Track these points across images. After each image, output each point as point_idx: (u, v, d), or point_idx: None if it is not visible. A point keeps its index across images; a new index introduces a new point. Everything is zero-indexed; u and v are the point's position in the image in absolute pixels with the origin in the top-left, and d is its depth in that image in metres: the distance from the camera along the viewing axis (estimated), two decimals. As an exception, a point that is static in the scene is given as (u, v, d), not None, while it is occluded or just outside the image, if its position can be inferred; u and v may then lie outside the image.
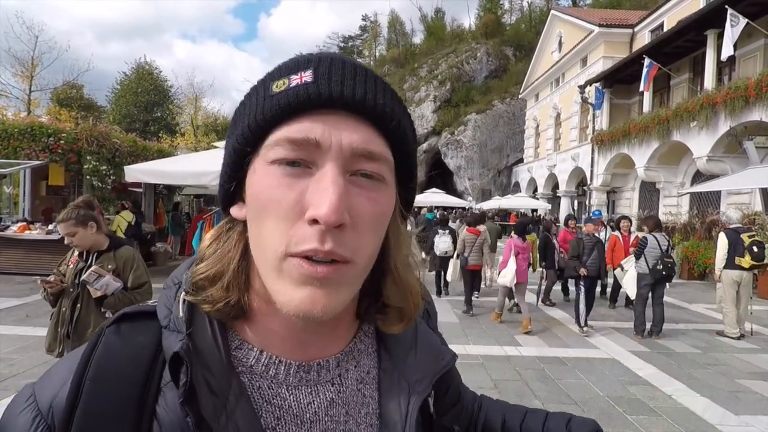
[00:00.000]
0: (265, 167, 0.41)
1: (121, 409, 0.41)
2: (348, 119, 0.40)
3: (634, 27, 19.16)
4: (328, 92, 0.39)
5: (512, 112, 32.52)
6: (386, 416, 0.50)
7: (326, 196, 0.38)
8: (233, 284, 0.44)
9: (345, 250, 0.39)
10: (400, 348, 0.53)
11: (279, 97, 0.40)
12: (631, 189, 18.31)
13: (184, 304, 0.45)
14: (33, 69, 27.12)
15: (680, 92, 15.45)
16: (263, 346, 0.46)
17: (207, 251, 0.47)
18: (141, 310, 0.47)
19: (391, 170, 0.44)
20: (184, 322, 0.44)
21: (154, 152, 11.74)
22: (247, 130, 0.41)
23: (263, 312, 0.46)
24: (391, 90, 0.44)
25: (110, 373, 0.42)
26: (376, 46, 55.14)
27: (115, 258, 2.43)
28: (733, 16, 10.71)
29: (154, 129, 30.65)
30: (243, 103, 0.44)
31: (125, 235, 9.40)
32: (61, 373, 0.44)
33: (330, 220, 0.37)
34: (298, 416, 0.46)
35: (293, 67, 0.42)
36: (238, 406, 0.42)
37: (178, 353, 0.41)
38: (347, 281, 0.41)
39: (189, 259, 0.51)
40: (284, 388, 0.46)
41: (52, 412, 0.42)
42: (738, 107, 10.97)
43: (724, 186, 11.38)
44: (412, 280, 0.50)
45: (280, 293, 0.40)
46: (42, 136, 9.58)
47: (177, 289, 0.47)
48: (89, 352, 0.44)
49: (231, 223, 0.47)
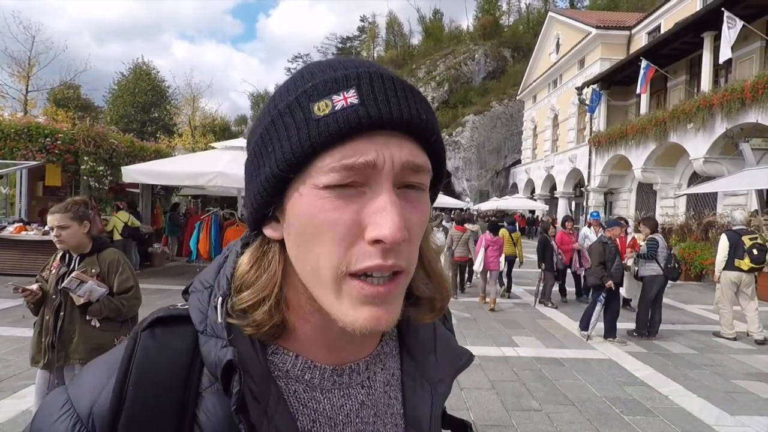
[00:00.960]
0: (314, 191, 0.40)
1: (164, 415, 0.42)
2: (394, 137, 0.41)
3: (632, 29, 19.25)
4: (378, 115, 0.39)
5: (510, 114, 32.61)
6: (411, 417, 0.51)
7: (388, 217, 0.38)
8: (276, 306, 0.44)
9: (403, 261, 0.41)
10: (420, 350, 0.55)
11: (327, 122, 0.39)
12: (628, 190, 18.37)
13: (222, 309, 0.44)
14: (30, 69, 27.03)
15: (677, 94, 15.53)
16: (298, 351, 0.47)
17: (248, 278, 0.45)
18: (175, 314, 0.47)
19: (429, 178, 0.45)
20: (224, 327, 0.43)
21: (152, 153, 11.70)
22: (291, 157, 0.40)
23: (300, 322, 0.47)
24: (425, 101, 0.44)
25: (151, 379, 0.42)
26: (374, 47, 55.18)
27: (98, 261, 2.30)
28: (730, 19, 10.77)
29: (151, 129, 30.56)
30: (274, 123, 0.42)
31: (121, 236, 9.37)
32: (98, 379, 0.44)
33: (396, 239, 0.38)
34: (332, 419, 0.47)
35: (333, 86, 0.40)
36: (277, 411, 0.43)
37: (232, 362, 0.41)
38: (402, 291, 0.43)
39: (216, 262, 0.51)
40: (319, 391, 0.47)
41: (92, 419, 0.41)
42: (734, 109, 11.03)
43: (720, 187, 11.44)
44: (441, 271, 0.52)
45: (342, 313, 0.41)
46: (39, 137, 9.53)
47: (210, 293, 0.47)
48: (129, 357, 0.43)
49: (266, 245, 0.46)
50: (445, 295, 0.52)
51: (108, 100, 33.30)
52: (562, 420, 3.51)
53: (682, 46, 14.17)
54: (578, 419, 3.49)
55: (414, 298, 0.51)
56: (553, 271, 7.70)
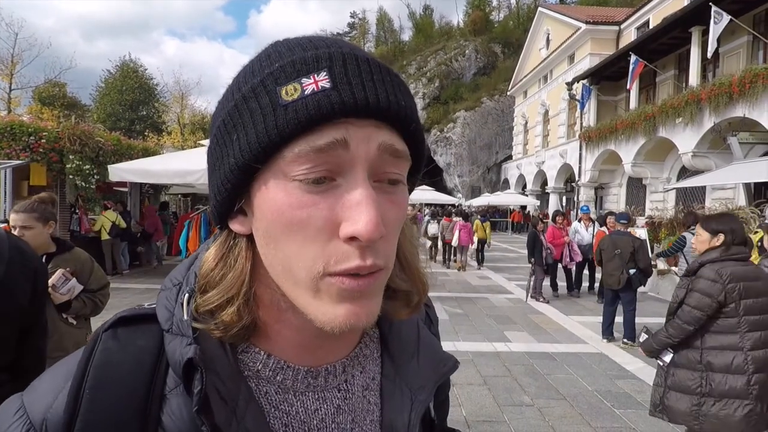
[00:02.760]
0: (282, 183, 0.37)
1: (125, 418, 0.39)
2: (370, 123, 0.37)
3: (621, 24, 19.36)
4: (352, 100, 0.36)
5: (501, 109, 32.69)
6: (387, 424, 0.48)
7: (363, 212, 0.35)
8: (245, 307, 0.41)
9: (381, 258, 0.39)
10: (403, 354, 0.51)
11: (296, 108, 0.35)
12: (618, 185, 18.53)
13: (188, 306, 0.42)
14: (13, 67, 26.50)
15: (666, 89, 15.66)
16: (270, 350, 0.44)
17: (213, 276, 0.42)
18: (138, 313, 0.44)
19: (408, 168, 0.42)
20: (189, 325, 0.41)
21: (139, 151, 11.53)
22: (257, 146, 0.36)
23: (272, 321, 0.44)
24: (404, 85, 0.41)
25: (111, 381, 0.40)
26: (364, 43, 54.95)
27: (72, 259, 2.26)
28: (717, 13, 10.85)
29: (140, 128, 30.17)
30: (238, 108, 0.38)
31: (109, 235, 9.25)
32: (53, 383, 0.41)
33: (373, 236, 0.35)
34: (306, 423, 0.44)
35: (301, 67, 0.37)
36: (247, 412, 0.41)
37: (193, 359, 0.38)
38: (381, 286, 0.41)
39: (188, 259, 0.48)
40: (291, 393, 0.44)
41: (46, 426, 0.39)
42: (722, 103, 11.14)
43: (709, 181, 11.56)
44: (418, 264, 0.49)
45: (320, 312, 0.38)
46: (22, 135, 9.34)
47: (178, 290, 0.44)
48: (87, 359, 0.41)
49: (233, 240, 0.43)
50: (422, 290, 0.49)
51: (95, 98, 32.82)
52: (554, 414, 3.51)
53: (670, 41, 14.28)
54: (570, 413, 3.49)
55: (390, 290, 0.47)
56: (543, 265, 7.75)
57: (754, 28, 11.92)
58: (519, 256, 14.07)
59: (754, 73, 10.29)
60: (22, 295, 1.38)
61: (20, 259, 1.40)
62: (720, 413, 2.19)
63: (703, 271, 2.35)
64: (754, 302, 2.24)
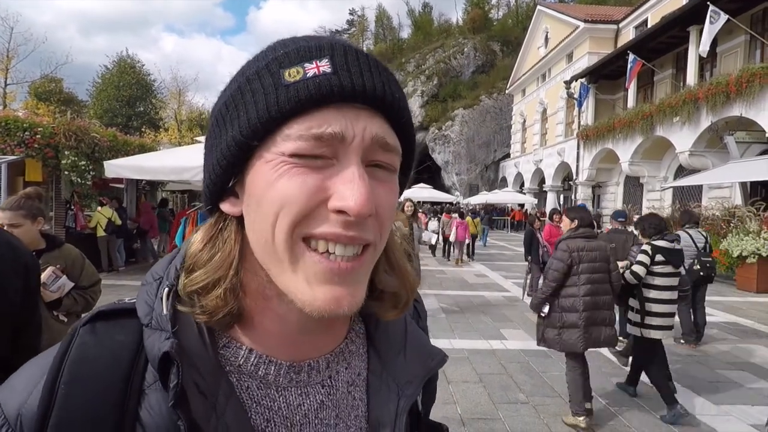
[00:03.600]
0: (280, 158, 0.38)
1: (101, 413, 0.38)
2: (365, 111, 0.39)
3: (619, 23, 19.37)
4: (350, 85, 0.38)
5: (499, 108, 32.69)
6: (374, 420, 0.48)
7: (355, 188, 0.37)
8: (231, 291, 0.41)
9: (370, 234, 0.39)
10: (390, 349, 0.51)
11: (297, 88, 0.37)
12: (615, 183, 18.57)
13: (168, 300, 0.42)
14: (8, 62, 26.33)
15: (664, 88, 15.68)
16: (252, 345, 0.44)
17: (200, 256, 0.42)
18: (118, 307, 0.44)
19: (399, 161, 0.43)
20: (169, 319, 0.41)
21: (136, 147, 11.48)
22: (257, 123, 0.38)
23: (257, 311, 0.43)
24: (398, 83, 0.43)
25: (87, 376, 0.39)
26: (363, 40, 54.83)
27: (62, 256, 2.24)
28: (714, 13, 10.85)
29: (137, 124, 30.03)
30: (241, 89, 0.40)
31: (105, 232, 9.20)
32: (29, 378, 0.41)
33: (363, 211, 0.37)
34: (288, 418, 0.44)
35: (305, 53, 0.39)
36: (228, 407, 0.40)
37: (169, 353, 0.38)
38: (368, 269, 0.42)
39: (170, 254, 0.48)
40: (273, 389, 0.44)
41: (21, 421, 0.39)
42: (719, 103, 11.17)
43: (705, 180, 11.60)
44: (405, 265, 0.50)
45: (300, 291, 0.39)
46: (17, 131, 9.27)
47: (158, 285, 0.44)
48: (62, 354, 0.41)
49: (222, 222, 0.43)
50: (410, 290, 0.49)
51: (92, 93, 32.65)
52: (549, 412, 3.52)
53: (668, 40, 14.29)
54: (564, 411, 3.49)
55: (377, 291, 0.47)
56: (539, 263, 7.75)
57: (752, 28, 11.94)
58: (516, 254, 14.10)
59: (751, 72, 10.32)
60: (13, 292, 1.36)
61: (11, 255, 1.38)
62: (567, 338, 3.29)
63: (560, 245, 3.44)
64: (589, 265, 3.33)
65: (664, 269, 3.62)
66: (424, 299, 3.57)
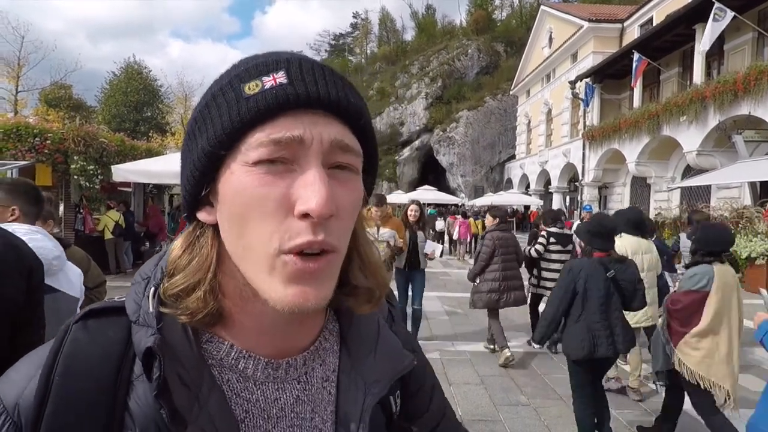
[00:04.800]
0: (245, 168, 0.41)
1: (93, 403, 0.41)
2: (322, 117, 0.42)
3: (624, 22, 19.25)
4: (305, 93, 0.41)
5: (504, 109, 32.57)
6: (342, 414, 0.50)
7: (315, 190, 0.39)
8: (210, 293, 0.44)
9: (333, 238, 0.41)
10: (360, 349, 0.54)
11: (256, 99, 0.40)
12: (622, 184, 18.42)
13: (154, 298, 0.45)
14: (19, 69, 26.78)
15: (670, 87, 15.55)
16: (233, 340, 0.47)
17: (179, 262, 0.46)
18: (108, 305, 0.47)
19: (360, 162, 0.45)
20: (154, 316, 0.43)
21: (143, 151, 11.62)
22: (222, 134, 0.41)
23: (236, 310, 0.46)
24: (355, 89, 0.46)
25: (80, 369, 0.42)
26: (367, 43, 55.01)
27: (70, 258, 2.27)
28: (719, 10, 10.74)
29: (144, 129, 30.37)
30: (208, 105, 0.43)
31: (113, 234, 9.32)
32: (25, 371, 0.44)
33: (323, 212, 0.39)
34: (265, 411, 0.47)
35: (263, 68, 0.42)
36: (211, 397, 0.43)
37: (151, 348, 0.41)
38: (334, 270, 0.44)
39: (157, 254, 0.51)
40: (252, 382, 0.47)
41: (19, 410, 0.42)
42: (727, 101, 11.04)
43: (713, 180, 11.47)
44: (376, 259, 0.52)
45: (272, 290, 0.41)
46: (28, 137, 9.44)
47: (146, 284, 0.47)
48: (56, 349, 0.43)
49: (200, 229, 0.47)
50: (382, 284, 0.52)
51: (100, 99, 33.07)
52: (550, 414, 3.51)
53: (674, 39, 14.17)
54: (566, 413, 3.48)
55: (350, 286, 0.50)
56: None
57: (759, 25, 11.81)
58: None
59: (759, 70, 10.18)
60: (17, 292, 1.40)
61: (15, 256, 1.43)
62: (489, 299, 4.69)
63: (486, 236, 4.89)
64: (505, 249, 4.80)
65: (555, 248, 5.17)
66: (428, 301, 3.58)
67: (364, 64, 50.73)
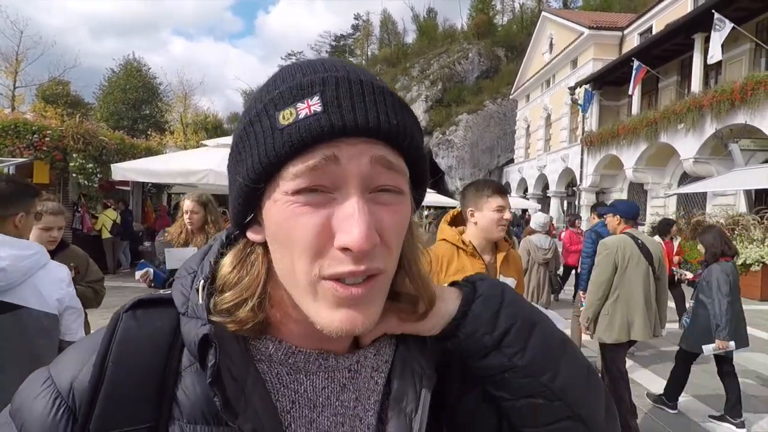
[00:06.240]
0: (285, 197, 0.41)
1: (143, 391, 0.43)
2: (362, 141, 0.40)
3: (624, 30, 19.40)
4: (341, 123, 0.39)
5: (503, 113, 32.70)
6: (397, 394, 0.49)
7: (355, 224, 0.38)
8: (259, 306, 0.45)
9: (377, 262, 0.41)
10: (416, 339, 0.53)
11: (290, 132, 0.39)
12: (619, 190, 18.53)
13: (203, 291, 0.45)
14: (17, 65, 26.64)
15: (668, 95, 15.68)
16: (282, 338, 0.48)
17: (229, 277, 0.46)
18: (157, 297, 0.48)
19: (407, 181, 0.44)
20: (204, 309, 0.44)
21: (142, 150, 11.60)
22: (259, 167, 0.41)
23: (284, 317, 0.47)
24: (400, 102, 0.43)
25: (131, 357, 0.43)
26: (368, 45, 55.11)
27: (71, 257, 2.39)
28: (719, 21, 10.87)
29: (142, 127, 30.29)
30: (246, 131, 0.43)
31: (110, 234, 9.27)
32: (79, 356, 0.45)
33: (363, 248, 0.38)
34: (312, 400, 0.47)
35: (297, 93, 0.41)
36: (255, 392, 0.44)
37: (208, 335, 0.42)
38: (382, 290, 0.43)
39: (201, 250, 0.52)
40: (303, 374, 0.47)
41: (73, 394, 0.43)
42: (724, 110, 11.15)
43: (710, 187, 11.58)
44: (425, 274, 0.51)
45: (319, 316, 0.42)
46: (26, 133, 9.37)
47: (193, 278, 0.48)
48: (110, 335, 0.44)
49: (250, 246, 0.47)
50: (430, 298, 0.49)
51: (99, 96, 32.94)
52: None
53: (673, 48, 14.31)
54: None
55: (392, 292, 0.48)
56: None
57: (757, 36, 11.95)
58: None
59: (756, 80, 10.31)
60: None
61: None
62: None
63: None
64: None
65: None
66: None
67: (365, 66, 50.83)
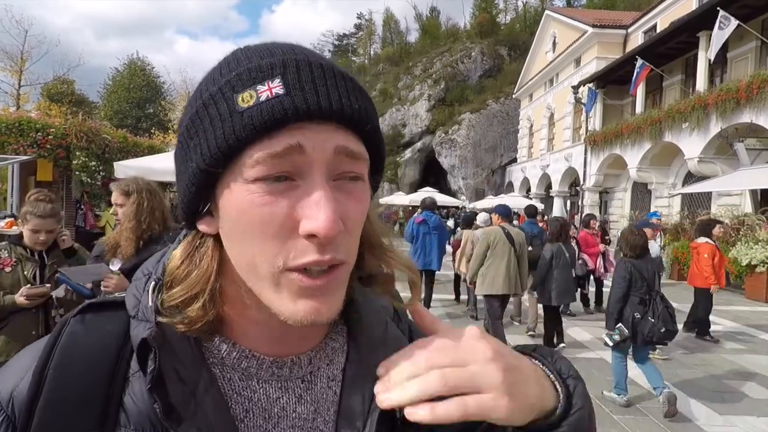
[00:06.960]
0: (244, 185, 0.38)
1: (86, 397, 0.40)
2: (325, 126, 0.39)
3: (628, 28, 19.27)
4: (305, 105, 0.37)
5: (506, 112, 32.60)
6: (345, 409, 0.48)
7: (320, 210, 0.37)
8: (210, 303, 0.43)
9: (341, 253, 0.40)
10: (368, 346, 0.52)
11: (251, 114, 0.37)
12: (623, 189, 18.42)
13: (154, 293, 0.44)
14: (22, 64, 26.78)
15: (673, 93, 15.56)
16: (235, 341, 0.46)
17: (178, 272, 0.44)
18: (107, 300, 0.46)
19: (367, 167, 0.44)
20: (153, 311, 0.43)
21: (145, 148, 11.65)
22: (217, 152, 0.38)
23: (237, 315, 0.45)
24: (359, 88, 0.42)
25: (75, 362, 0.41)
26: (370, 44, 55.07)
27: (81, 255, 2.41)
28: (724, 18, 10.76)
29: (146, 125, 30.39)
30: (199, 114, 0.40)
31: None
32: (21, 364, 0.43)
33: (330, 234, 0.37)
34: (267, 410, 0.45)
35: (257, 75, 0.38)
36: (207, 395, 0.42)
37: (146, 339, 0.40)
38: (343, 281, 0.43)
39: (159, 252, 0.50)
40: (255, 381, 0.46)
41: (13, 403, 0.41)
42: (729, 109, 11.05)
43: (714, 187, 11.49)
44: (389, 246, 0.50)
45: (282, 306, 0.40)
46: (30, 131, 9.43)
47: (146, 280, 0.46)
48: (53, 342, 0.43)
49: (199, 239, 0.45)
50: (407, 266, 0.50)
51: (103, 95, 33.09)
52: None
53: (677, 46, 14.18)
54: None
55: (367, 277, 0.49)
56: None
57: (763, 33, 11.83)
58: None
59: (761, 78, 10.20)
60: None
61: None
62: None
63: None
64: None
65: None
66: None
67: (368, 65, 50.73)
